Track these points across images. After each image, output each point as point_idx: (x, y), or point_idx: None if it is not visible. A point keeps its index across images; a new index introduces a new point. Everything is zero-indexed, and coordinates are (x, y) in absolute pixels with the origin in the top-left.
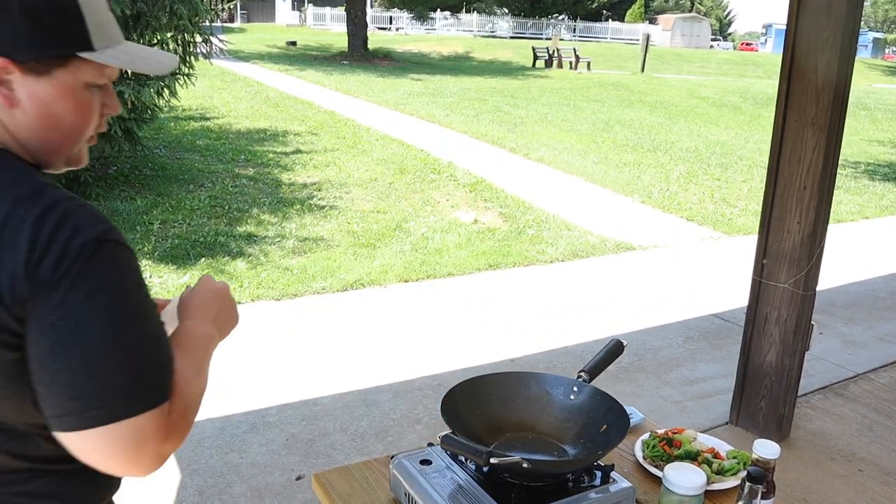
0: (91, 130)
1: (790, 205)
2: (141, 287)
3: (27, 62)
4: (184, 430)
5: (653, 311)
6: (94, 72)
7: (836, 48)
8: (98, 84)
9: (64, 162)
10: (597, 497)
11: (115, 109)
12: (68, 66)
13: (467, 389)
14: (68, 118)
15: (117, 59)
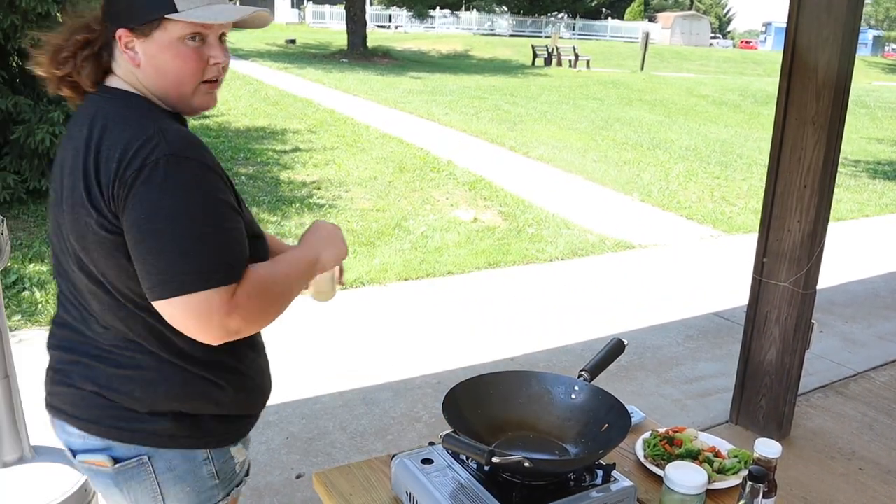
0: (195, 80)
1: (790, 203)
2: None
3: (136, 29)
4: (250, 313)
5: (652, 310)
6: (184, 28)
7: (836, 46)
8: (191, 37)
9: (187, 106)
10: (598, 496)
11: (218, 58)
12: (162, 27)
13: (469, 388)
14: (170, 68)
15: (195, 16)
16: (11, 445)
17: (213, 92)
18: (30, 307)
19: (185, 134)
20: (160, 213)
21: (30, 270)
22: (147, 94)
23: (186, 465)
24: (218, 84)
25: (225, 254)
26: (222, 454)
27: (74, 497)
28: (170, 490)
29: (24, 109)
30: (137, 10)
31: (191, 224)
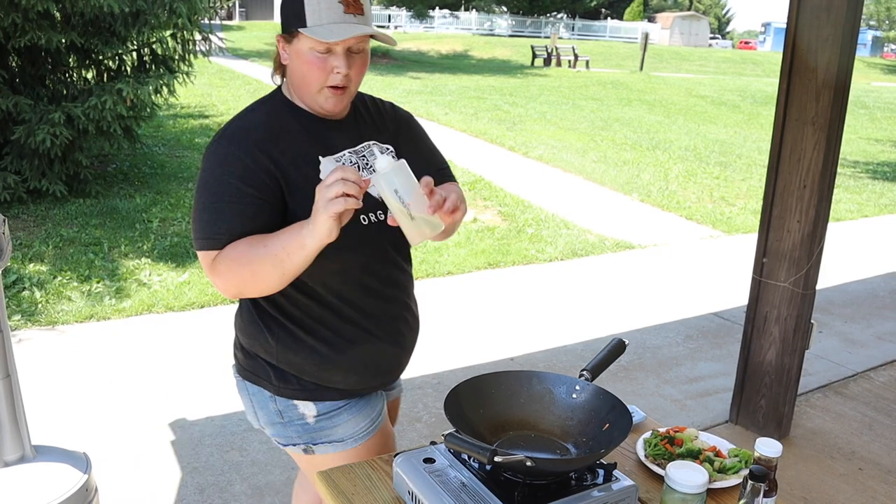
0: (318, 84)
1: (790, 204)
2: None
3: (285, 36)
4: (226, 280)
5: (652, 310)
6: (311, 41)
7: (836, 46)
8: (319, 50)
9: (315, 105)
10: (599, 495)
11: (340, 69)
12: (298, 37)
13: (470, 388)
14: (300, 71)
15: (316, 33)
16: (13, 445)
17: (338, 97)
18: (30, 307)
19: (245, 124)
20: (197, 181)
21: (30, 270)
22: (291, 90)
23: (259, 395)
24: (344, 91)
25: (213, 224)
26: (285, 402)
27: (76, 496)
28: (258, 410)
29: (24, 109)
30: (285, 21)
31: (204, 194)
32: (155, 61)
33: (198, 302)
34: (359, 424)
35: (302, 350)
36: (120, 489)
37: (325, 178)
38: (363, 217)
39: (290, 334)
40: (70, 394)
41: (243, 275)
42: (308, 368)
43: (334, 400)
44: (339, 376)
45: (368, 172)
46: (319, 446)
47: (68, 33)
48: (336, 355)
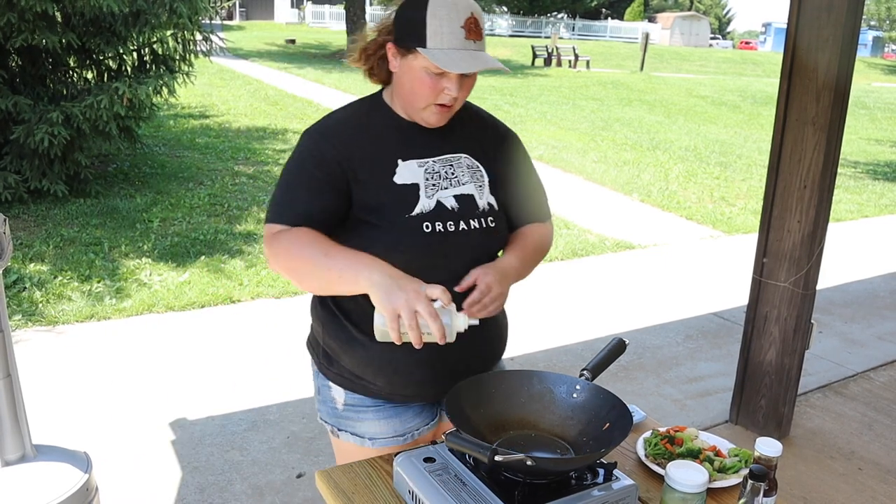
0: (426, 101)
1: (790, 204)
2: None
3: (399, 46)
4: (275, 257)
5: (652, 310)
6: (428, 62)
7: (836, 47)
8: (434, 71)
9: (417, 116)
10: (600, 494)
11: (452, 92)
12: (413, 54)
13: (471, 387)
14: (407, 86)
15: (434, 57)
16: (13, 444)
17: (443, 114)
18: (30, 307)
19: (329, 122)
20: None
21: (30, 270)
22: (393, 96)
23: (313, 366)
24: (449, 109)
25: (283, 202)
26: (323, 380)
27: (76, 496)
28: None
29: (23, 109)
30: (402, 34)
31: (284, 175)
32: (155, 61)
33: (198, 302)
34: (382, 429)
35: (343, 337)
36: (120, 489)
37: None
38: (426, 224)
39: (337, 320)
40: (70, 393)
41: (292, 266)
42: (345, 357)
43: (364, 395)
44: (370, 375)
45: (452, 182)
46: (343, 433)
47: (67, 33)
48: (370, 353)
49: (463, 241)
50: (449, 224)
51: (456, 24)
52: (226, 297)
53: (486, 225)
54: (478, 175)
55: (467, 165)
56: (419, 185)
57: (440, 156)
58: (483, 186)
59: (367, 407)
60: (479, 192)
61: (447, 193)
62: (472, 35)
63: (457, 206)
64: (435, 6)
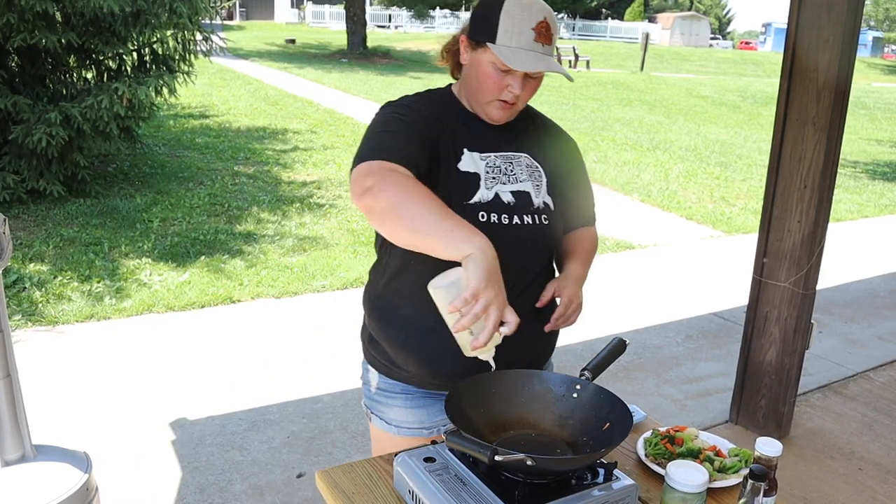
0: (490, 95)
1: (790, 204)
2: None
3: (470, 39)
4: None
5: (652, 310)
6: (496, 58)
7: (836, 47)
8: (500, 67)
9: (480, 110)
10: (600, 494)
11: (515, 89)
12: (483, 48)
13: (471, 387)
14: (474, 79)
15: (502, 54)
16: (13, 444)
17: (505, 110)
18: (30, 307)
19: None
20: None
21: (30, 270)
22: (461, 88)
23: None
24: (512, 107)
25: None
26: (366, 364)
27: (76, 496)
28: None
29: (22, 109)
30: (474, 27)
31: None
32: (155, 61)
33: (198, 302)
34: (409, 418)
35: (383, 320)
36: (120, 488)
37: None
38: (482, 214)
39: (380, 302)
40: (70, 393)
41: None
42: (383, 339)
43: (396, 381)
44: (402, 360)
45: (511, 179)
46: (374, 417)
47: (67, 33)
48: (405, 338)
49: (515, 235)
50: (503, 217)
51: (527, 25)
52: (226, 297)
53: (540, 222)
54: (536, 174)
55: (527, 164)
56: (480, 175)
57: (502, 152)
58: (540, 186)
59: (397, 393)
60: (536, 191)
61: (505, 188)
62: (542, 39)
63: (513, 201)
64: (510, 6)
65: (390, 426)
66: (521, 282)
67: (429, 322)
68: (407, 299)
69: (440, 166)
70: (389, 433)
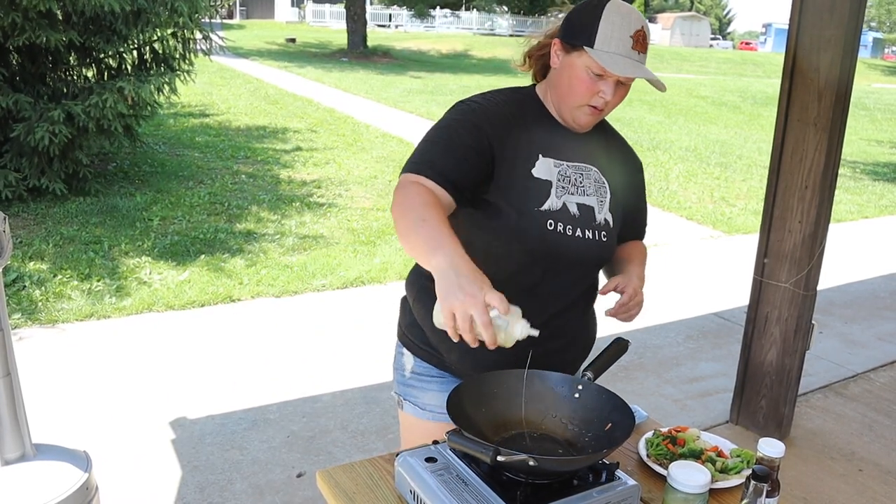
0: (581, 99)
1: (791, 204)
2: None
3: (564, 43)
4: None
5: (653, 310)
6: (592, 62)
7: (838, 48)
8: (594, 72)
9: (568, 116)
10: (601, 495)
11: (606, 95)
12: (578, 52)
13: (472, 386)
14: (564, 84)
15: (600, 58)
16: (13, 443)
17: (593, 116)
18: (30, 305)
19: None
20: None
21: (30, 268)
22: (547, 89)
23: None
24: (600, 112)
25: (424, 154)
26: (399, 346)
27: (76, 495)
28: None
29: (24, 107)
30: (570, 31)
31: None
32: (156, 60)
33: (198, 301)
34: (443, 402)
35: (428, 306)
36: (120, 488)
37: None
38: (550, 222)
39: (425, 287)
40: (70, 392)
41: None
42: (426, 325)
43: (432, 365)
44: (444, 348)
45: (579, 190)
46: (407, 403)
47: (68, 32)
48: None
49: (576, 247)
50: (569, 228)
51: (626, 32)
52: (226, 295)
53: (600, 238)
54: (602, 190)
55: (595, 179)
56: (552, 182)
57: (575, 162)
58: (604, 202)
59: (433, 377)
60: (600, 207)
61: (573, 199)
62: (638, 46)
63: (578, 214)
64: (610, 12)
65: (424, 411)
66: (570, 294)
67: None
68: None
69: (514, 169)
70: (423, 419)
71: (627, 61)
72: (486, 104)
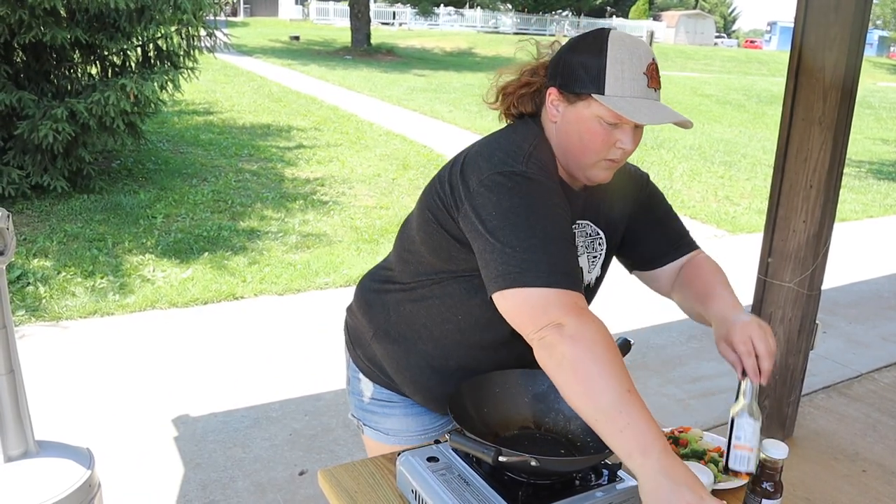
0: (596, 155)
1: (796, 204)
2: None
3: (565, 93)
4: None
5: (656, 309)
6: (605, 110)
7: (843, 46)
8: (608, 121)
9: (581, 174)
10: (603, 495)
11: (626, 145)
12: (586, 101)
13: (475, 386)
14: (575, 137)
15: (616, 106)
16: (16, 440)
17: (611, 170)
18: (34, 302)
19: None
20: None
21: (34, 265)
22: (554, 147)
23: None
24: (618, 164)
25: (568, 261)
26: (354, 370)
27: (79, 492)
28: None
29: (27, 105)
30: (572, 79)
31: (541, 221)
32: (159, 57)
33: (201, 298)
34: (410, 426)
35: (388, 337)
36: (123, 485)
37: None
38: None
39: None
40: (73, 389)
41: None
42: (394, 365)
43: (394, 391)
44: (410, 391)
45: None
46: (367, 428)
47: (73, 29)
48: (405, 362)
49: None
50: None
51: (639, 69)
52: (229, 293)
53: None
54: (595, 243)
55: (587, 234)
56: None
57: (575, 221)
58: (597, 258)
59: (396, 403)
60: (591, 265)
61: None
62: (654, 83)
63: None
64: (616, 50)
65: (388, 436)
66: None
67: (450, 366)
68: (430, 332)
69: None
70: (388, 444)
71: (647, 103)
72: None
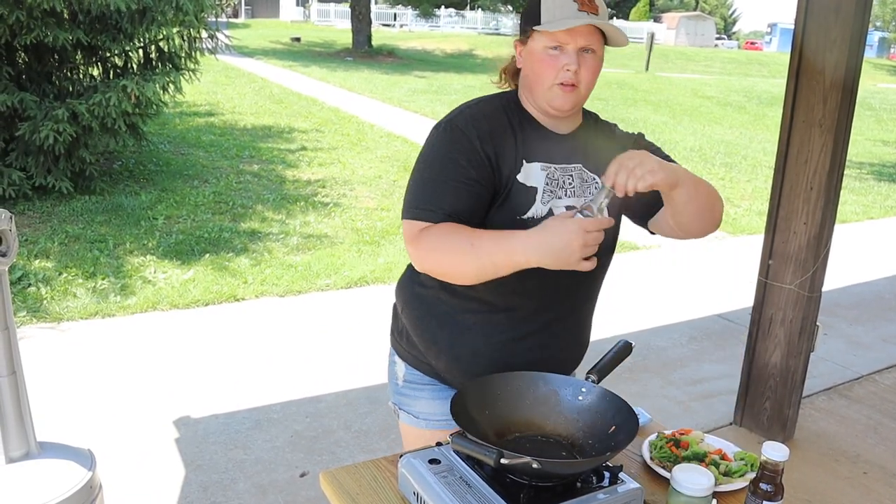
0: (549, 80)
1: (796, 205)
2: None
3: (521, 39)
4: (422, 255)
5: (656, 311)
6: (546, 39)
7: (844, 48)
8: (550, 46)
9: (545, 103)
10: (605, 498)
11: (570, 65)
12: (532, 38)
13: (476, 389)
14: (530, 73)
15: (546, 27)
16: (18, 441)
17: (567, 94)
18: (35, 303)
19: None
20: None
21: (35, 267)
22: (523, 92)
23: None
24: (573, 89)
25: (432, 198)
26: (393, 353)
27: (80, 493)
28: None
29: (29, 106)
30: (522, 25)
31: (428, 169)
32: (161, 59)
33: (202, 300)
34: (436, 410)
35: (417, 314)
36: (124, 486)
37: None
38: None
39: (416, 296)
40: (75, 390)
41: (442, 263)
42: (415, 333)
43: (423, 373)
44: (433, 355)
45: (567, 192)
46: (402, 413)
47: (75, 31)
48: (438, 334)
49: None
50: None
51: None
52: (230, 295)
53: None
54: (591, 189)
55: (581, 178)
56: (538, 189)
57: (563, 164)
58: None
59: (424, 385)
60: None
61: (560, 203)
62: (586, 7)
63: None
64: None
65: (419, 419)
66: (568, 302)
67: (467, 322)
68: (450, 295)
69: (502, 179)
70: (418, 427)
71: (572, 19)
72: (472, 120)
